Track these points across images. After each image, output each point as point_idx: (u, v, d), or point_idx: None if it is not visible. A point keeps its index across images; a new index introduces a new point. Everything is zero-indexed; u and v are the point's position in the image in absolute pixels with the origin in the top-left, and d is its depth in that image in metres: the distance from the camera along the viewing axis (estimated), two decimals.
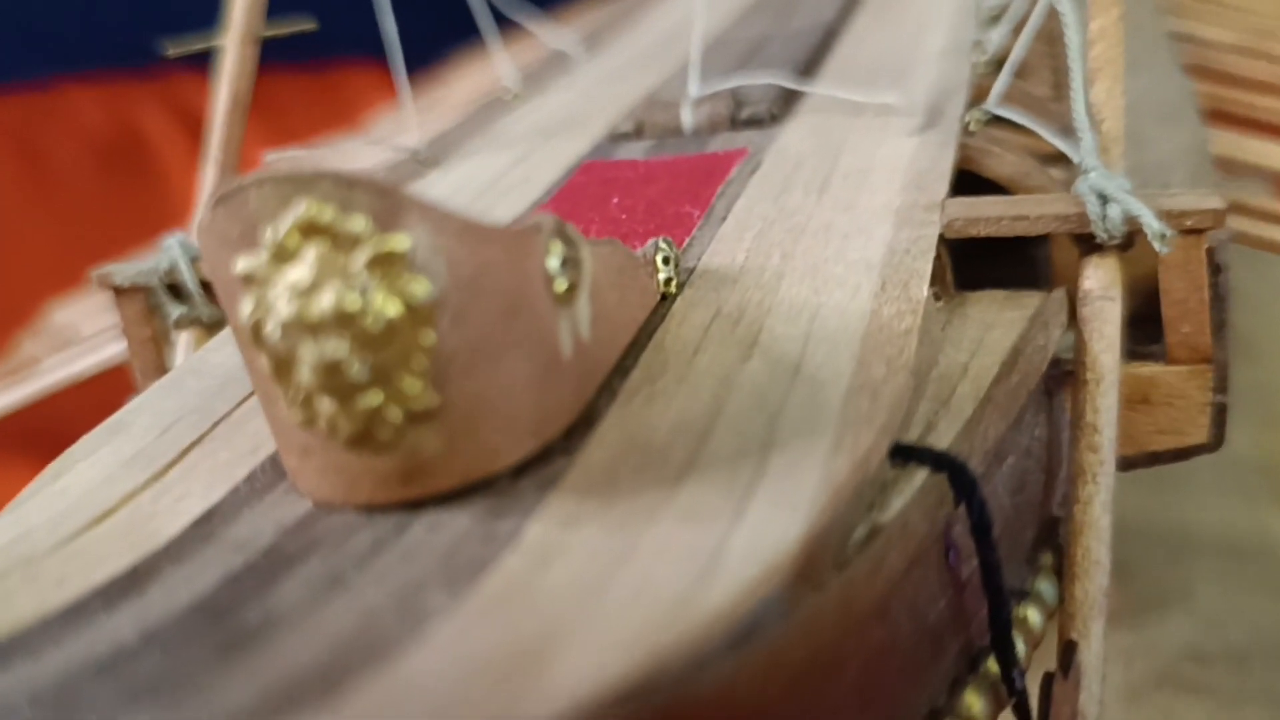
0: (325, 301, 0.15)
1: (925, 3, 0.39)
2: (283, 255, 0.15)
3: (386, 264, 0.15)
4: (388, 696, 0.12)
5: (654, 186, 0.26)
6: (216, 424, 0.20)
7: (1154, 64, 0.38)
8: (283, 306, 0.15)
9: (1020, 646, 0.19)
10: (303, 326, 0.15)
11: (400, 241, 0.15)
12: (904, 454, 0.17)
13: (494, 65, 0.37)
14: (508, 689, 0.12)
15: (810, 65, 0.33)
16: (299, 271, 0.15)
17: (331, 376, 0.15)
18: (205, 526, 0.17)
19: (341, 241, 0.15)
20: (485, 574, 0.14)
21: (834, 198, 0.24)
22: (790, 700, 0.14)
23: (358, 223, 0.15)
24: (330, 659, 0.13)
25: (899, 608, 0.16)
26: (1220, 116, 0.38)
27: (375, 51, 0.37)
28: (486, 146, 0.31)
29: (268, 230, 0.15)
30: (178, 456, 0.19)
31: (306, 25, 0.30)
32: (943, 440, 0.18)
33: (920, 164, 0.25)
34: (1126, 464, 0.23)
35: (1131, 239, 0.21)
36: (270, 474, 0.18)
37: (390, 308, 0.15)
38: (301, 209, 0.15)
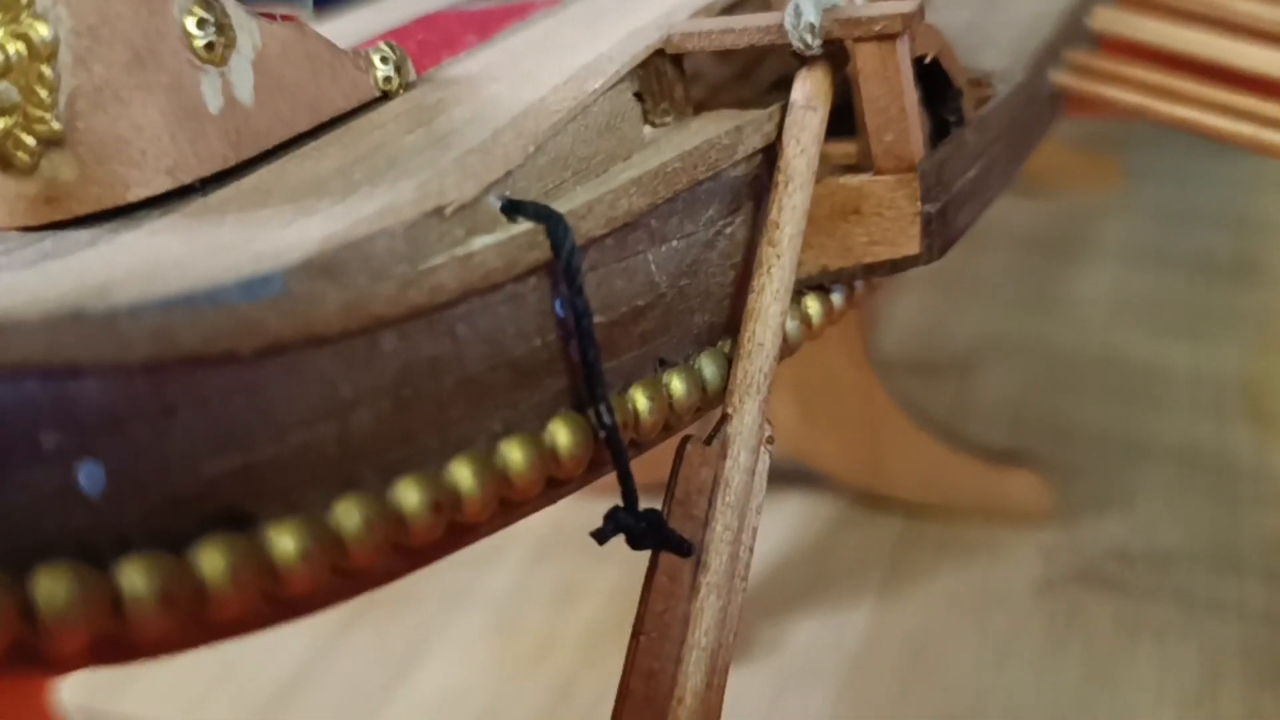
0: None
1: None
2: None
3: (10, 8, 0.18)
4: None
5: (464, 25, 0.28)
6: None
7: None
8: None
9: (645, 403, 0.20)
10: None
11: None
12: (514, 208, 0.19)
13: None
14: None
15: None
16: None
17: None
18: None
19: None
20: (58, 258, 0.17)
21: (599, 29, 0.26)
22: (292, 369, 0.16)
23: None
24: None
25: (467, 332, 0.18)
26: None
27: None
28: None
29: None
30: None
31: None
32: (570, 205, 0.19)
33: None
34: (845, 277, 0.24)
35: (839, 52, 0.23)
36: None
37: (11, 45, 0.18)
38: None
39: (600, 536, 0.20)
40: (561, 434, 0.19)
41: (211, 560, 0.15)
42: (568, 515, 0.47)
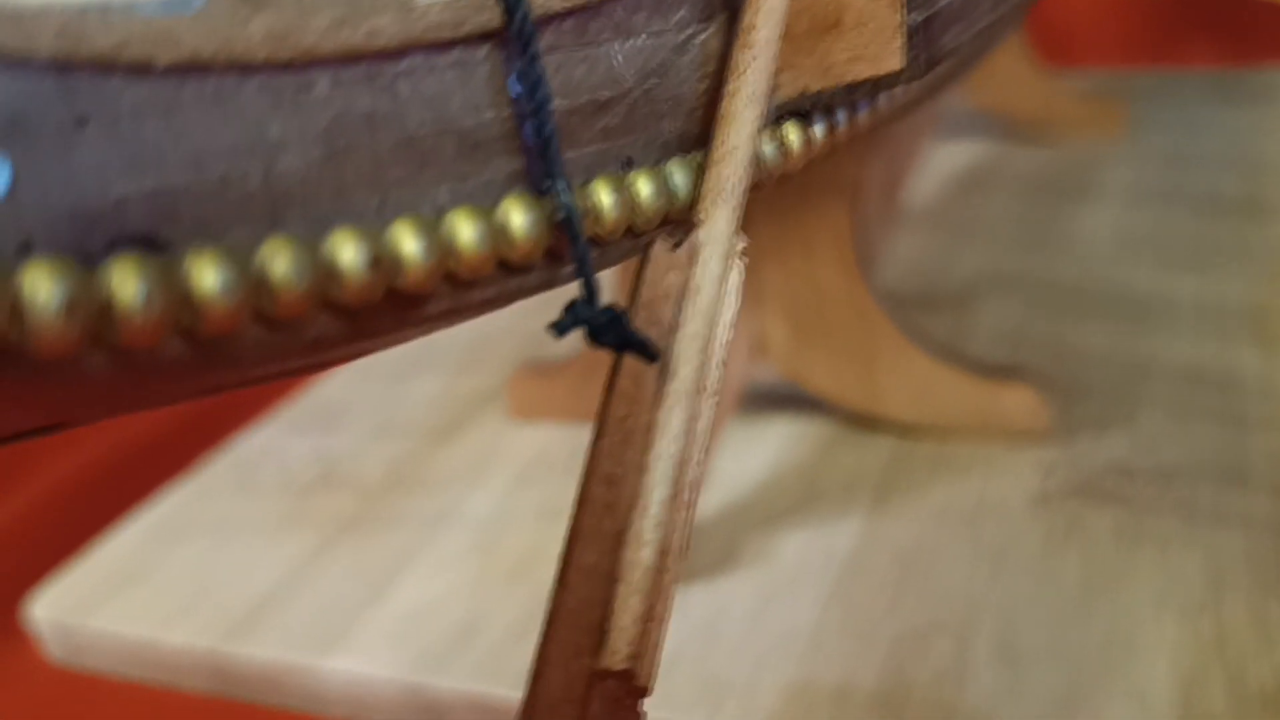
0: None
1: None
2: None
3: None
4: None
5: None
6: None
7: None
8: None
9: (608, 197, 0.19)
10: None
11: None
12: None
13: None
14: None
15: None
16: None
17: None
18: None
19: None
20: None
21: None
22: (214, 96, 0.15)
23: None
24: None
25: (409, 91, 0.17)
26: None
27: None
28: None
29: None
30: None
31: None
32: None
33: None
34: (825, 100, 0.23)
35: None
36: None
37: None
38: None
39: (559, 328, 0.18)
40: (515, 213, 0.18)
41: (123, 275, 0.14)
42: (551, 443, 0.46)
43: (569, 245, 0.18)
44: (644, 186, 0.20)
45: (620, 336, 0.19)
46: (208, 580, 0.41)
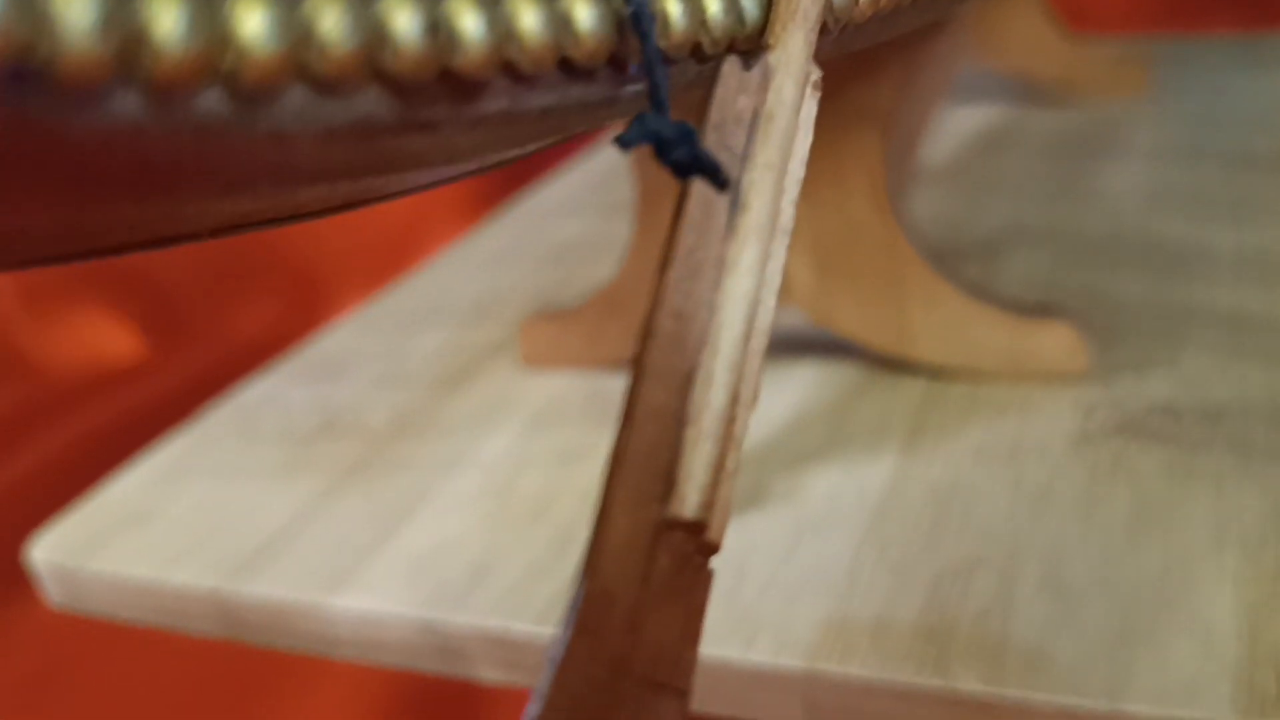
0: None
1: None
2: None
3: None
4: None
5: None
6: None
7: None
8: None
9: (675, 6, 0.17)
10: None
11: None
12: None
13: None
14: None
15: None
16: None
17: None
18: None
19: None
20: None
21: None
22: None
23: None
24: None
25: None
26: None
27: None
28: None
29: None
30: None
31: None
32: None
33: None
34: None
35: None
36: None
37: None
38: None
39: (624, 140, 0.17)
40: (580, 7, 0.16)
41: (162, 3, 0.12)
42: (565, 389, 0.45)
43: (635, 52, 0.17)
44: (713, 1, 0.18)
45: (691, 155, 0.17)
46: (211, 522, 0.39)
